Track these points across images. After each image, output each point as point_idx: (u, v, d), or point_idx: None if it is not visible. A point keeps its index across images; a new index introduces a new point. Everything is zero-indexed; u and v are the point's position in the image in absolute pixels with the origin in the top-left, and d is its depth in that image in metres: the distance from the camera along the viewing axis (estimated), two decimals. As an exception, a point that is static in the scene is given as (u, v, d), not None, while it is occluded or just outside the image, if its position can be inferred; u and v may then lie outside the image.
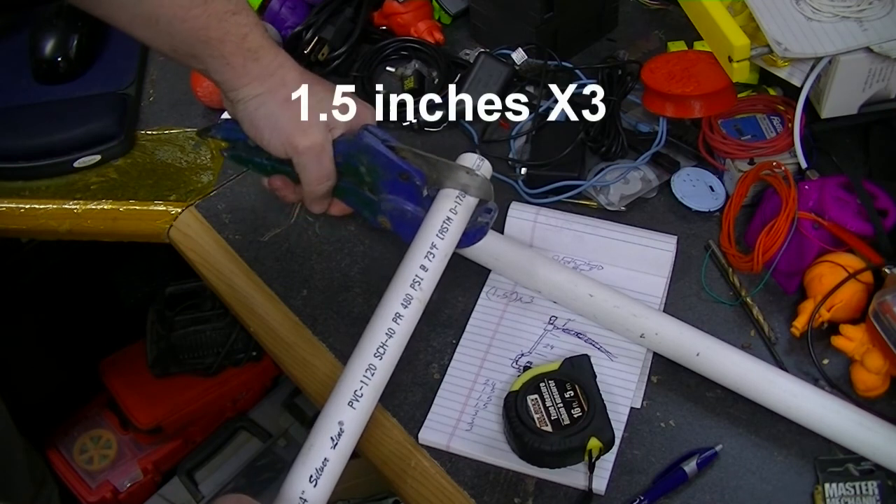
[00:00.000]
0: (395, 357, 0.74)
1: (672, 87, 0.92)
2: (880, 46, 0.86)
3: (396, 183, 0.81)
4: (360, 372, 0.72)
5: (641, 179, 0.95)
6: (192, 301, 1.49)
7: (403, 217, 0.82)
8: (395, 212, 0.83)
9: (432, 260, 0.77)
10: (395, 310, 0.75)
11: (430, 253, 0.77)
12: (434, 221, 0.79)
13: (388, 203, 0.82)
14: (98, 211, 1.02)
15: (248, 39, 0.77)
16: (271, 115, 0.79)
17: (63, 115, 1.06)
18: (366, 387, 0.71)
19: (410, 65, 1.06)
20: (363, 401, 0.71)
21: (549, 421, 0.75)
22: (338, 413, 0.70)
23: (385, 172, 0.81)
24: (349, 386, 0.71)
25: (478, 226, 0.82)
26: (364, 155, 0.81)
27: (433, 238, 0.78)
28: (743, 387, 0.78)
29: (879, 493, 0.73)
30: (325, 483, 0.69)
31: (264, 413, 1.56)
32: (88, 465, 1.48)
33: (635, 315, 0.82)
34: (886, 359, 0.77)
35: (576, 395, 0.76)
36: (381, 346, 0.73)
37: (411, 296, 0.75)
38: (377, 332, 0.74)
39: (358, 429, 0.71)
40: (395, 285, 0.77)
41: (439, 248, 0.78)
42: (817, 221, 0.84)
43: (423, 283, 0.76)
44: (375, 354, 0.73)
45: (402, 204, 0.82)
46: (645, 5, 1.15)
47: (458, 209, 0.80)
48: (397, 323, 0.74)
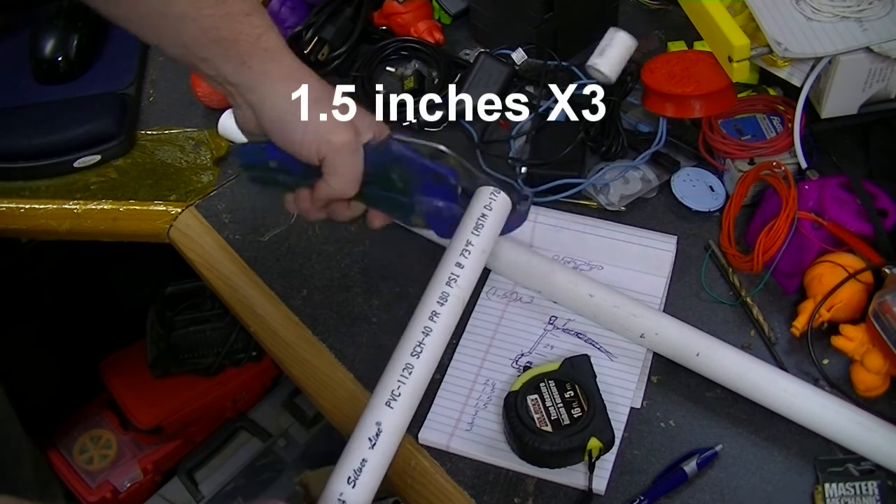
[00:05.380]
0: (435, 355, 0.74)
1: (672, 87, 0.92)
2: (880, 46, 0.86)
3: (430, 185, 0.80)
4: (397, 371, 0.71)
5: (641, 179, 0.95)
6: (192, 301, 1.49)
7: (440, 215, 0.81)
8: (431, 210, 0.81)
9: (468, 257, 0.77)
10: (432, 308, 0.74)
11: (465, 250, 0.77)
12: (469, 219, 0.79)
13: (423, 204, 0.81)
14: (98, 211, 1.02)
15: (263, 40, 0.75)
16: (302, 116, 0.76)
17: (63, 115, 1.06)
18: (403, 385, 0.70)
19: (410, 65, 1.06)
20: (401, 399, 0.70)
21: (549, 421, 0.75)
22: (375, 414, 0.70)
23: (419, 177, 0.80)
24: (387, 386, 0.71)
25: (518, 213, 0.81)
26: (396, 163, 0.79)
27: (468, 235, 0.78)
28: (743, 387, 0.78)
29: (879, 493, 0.73)
30: (365, 484, 0.67)
31: (264, 413, 1.56)
32: (88, 465, 1.48)
33: (635, 315, 0.82)
34: (886, 359, 0.77)
35: (576, 395, 0.76)
36: (418, 345, 0.72)
37: (447, 293, 0.75)
38: (415, 330, 0.74)
39: (398, 428, 0.70)
40: (433, 284, 0.76)
41: (475, 245, 0.78)
42: (817, 221, 0.84)
43: (460, 280, 0.76)
44: (412, 353, 0.72)
45: (436, 203, 0.81)
46: (645, 5, 1.15)
47: (492, 205, 0.79)
48: (434, 321, 0.74)
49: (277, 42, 0.77)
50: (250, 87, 0.76)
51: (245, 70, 0.75)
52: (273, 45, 0.76)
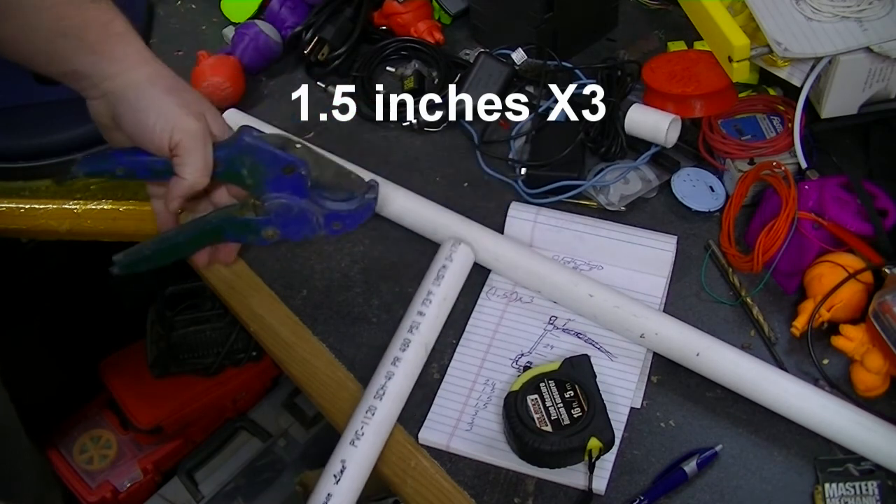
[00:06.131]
0: (398, 396, 0.80)
1: (673, 87, 0.92)
2: (880, 46, 0.86)
3: (280, 179, 0.81)
4: (361, 413, 0.78)
5: (641, 179, 0.95)
6: (192, 301, 1.49)
7: (290, 214, 0.82)
8: (281, 210, 0.82)
9: (429, 305, 0.83)
10: (395, 354, 0.81)
11: (426, 300, 0.84)
12: (431, 270, 0.86)
13: (273, 202, 0.82)
14: (98, 211, 1.02)
15: (114, 25, 0.75)
16: (156, 103, 0.77)
17: (63, 115, 1.06)
18: (367, 426, 0.77)
19: (410, 65, 1.06)
20: (364, 439, 0.76)
21: (549, 421, 0.75)
22: (340, 452, 0.76)
23: (268, 170, 0.80)
24: (352, 427, 0.77)
25: (365, 203, 0.84)
26: (246, 156, 0.80)
27: (430, 286, 0.84)
28: (743, 387, 0.78)
29: (879, 493, 0.73)
30: None
31: (264, 413, 1.56)
32: (88, 465, 1.48)
33: (635, 315, 0.82)
34: (886, 359, 0.77)
35: (576, 395, 0.76)
36: (380, 389, 0.79)
37: (409, 340, 0.81)
38: (378, 375, 0.80)
39: (362, 464, 0.76)
40: (397, 332, 0.83)
41: (436, 294, 0.84)
42: (817, 221, 0.84)
43: (422, 327, 0.82)
44: (375, 396, 0.79)
45: (285, 198, 0.82)
46: (645, 5, 1.15)
47: (453, 256, 0.86)
48: (395, 366, 0.80)
49: (127, 28, 0.77)
50: (105, 74, 0.76)
51: (96, 59, 0.75)
52: (123, 30, 0.76)
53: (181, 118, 0.77)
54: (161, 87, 0.77)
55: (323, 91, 1.08)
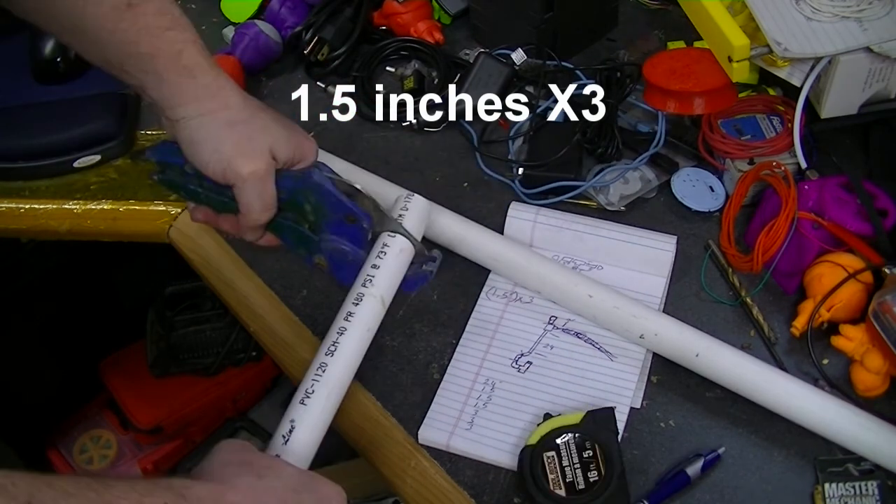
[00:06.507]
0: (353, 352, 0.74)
1: (674, 84, 0.92)
2: (880, 46, 0.85)
3: (341, 225, 0.78)
4: (312, 371, 0.72)
5: (641, 179, 0.95)
6: (192, 301, 1.49)
7: (344, 259, 0.80)
8: (336, 253, 0.80)
9: (384, 258, 0.78)
10: (348, 309, 0.75)
11: (381, 252, 0.78)
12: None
13: (329, 244, 0.80)
14: (98, 211, 1.02)
15: (184, 56, 0.74)
16: (213, 138, 0.75)
17: (63, 115, 1.06)
18: (317, 384, 0.71)
19: (410, 65, 1.06)
20: (314, 398, 0.71)
21: (563, 483, 0.73)
22: (290, 412, 0.71)
23: (331, 213, 0.78)
24: (302, 386, 0.72)
25: (420, 273, 0.80)
26: (312, 193, 0.78)
27: (385, 238, 0.79)
28: (743, 387, 0.78)
29: (879, 493, 0.73)
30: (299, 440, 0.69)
31: (264, 413, 1.56)
32: (88, 465, 1.48)
33: (635, 315, 0.82)
34: (886, 359, 0.77)
35: (594, 456, 0.74)
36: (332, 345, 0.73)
37: (362, 294, 0.76)
38: (331, 332, 0.75)
39: (312, 424, 0.70)
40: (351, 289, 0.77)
41: (391, 246, 0.78)
42: (817, 221, 0.84)
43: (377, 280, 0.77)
44: (327, 353, 0.73)
45: (343, 245, 0.79)
46: (645, 5, 1.15)
47: (408, 206, 0.81)
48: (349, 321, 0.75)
49: (199, 58, 0.75)
50: (168, 103, 0.75)
51: (163, 86, 0.75)
52: (193, 63, 0.75)
53: (234, 159, 0.75)
54: (222, 121, 0.75)
55: (323, 91, 1.08)
